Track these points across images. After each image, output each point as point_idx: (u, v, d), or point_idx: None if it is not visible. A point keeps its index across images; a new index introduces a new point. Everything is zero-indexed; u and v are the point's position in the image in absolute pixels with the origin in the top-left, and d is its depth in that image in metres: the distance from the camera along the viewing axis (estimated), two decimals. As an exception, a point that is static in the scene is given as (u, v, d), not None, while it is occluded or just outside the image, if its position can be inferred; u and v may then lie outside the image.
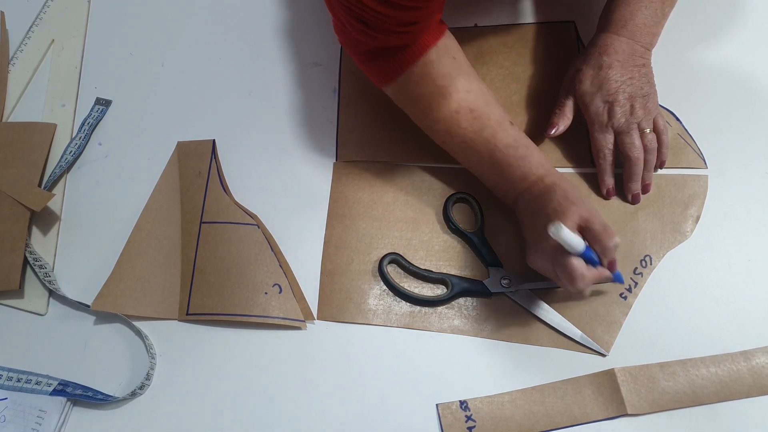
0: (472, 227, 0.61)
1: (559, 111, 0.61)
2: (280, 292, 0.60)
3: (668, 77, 0.63)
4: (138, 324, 0.61)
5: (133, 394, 0.58)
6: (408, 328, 0.59)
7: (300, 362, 0.58)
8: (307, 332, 0.59)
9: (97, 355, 0.61)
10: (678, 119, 0.64)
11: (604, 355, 0.56)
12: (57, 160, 0.69)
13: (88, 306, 0.61)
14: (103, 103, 0.72)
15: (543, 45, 0.69)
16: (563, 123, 0.60)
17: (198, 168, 0.66)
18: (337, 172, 0.66)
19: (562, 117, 0.61)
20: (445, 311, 0.59)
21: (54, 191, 0.67)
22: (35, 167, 0.67)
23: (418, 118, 0.60)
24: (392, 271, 0.61)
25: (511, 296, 0.58)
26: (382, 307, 0.60)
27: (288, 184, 0.66)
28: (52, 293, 0.63)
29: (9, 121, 0.72)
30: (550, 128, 0.61)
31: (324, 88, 0.70)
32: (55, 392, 0.58)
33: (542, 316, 0.57)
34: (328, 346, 0.59)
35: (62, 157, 0.69)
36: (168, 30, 0.76)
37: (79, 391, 0.58)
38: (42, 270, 0.63)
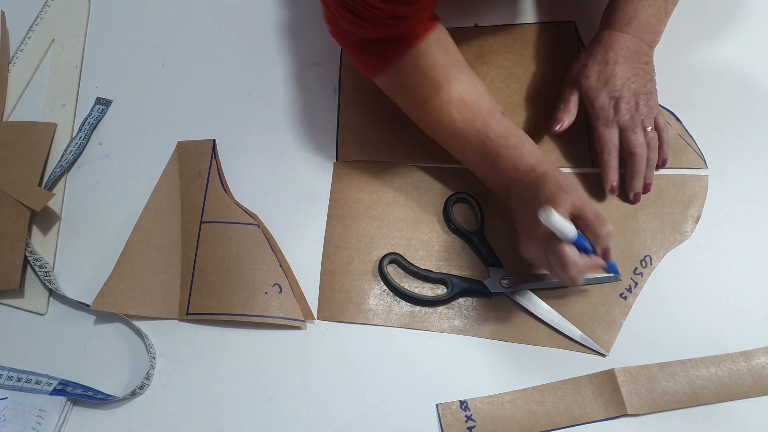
0: (472, 227, 0.61)
1: (564, 106, 0.60)
2: (280, 292, 0.60)
3: (668, 77, 0.63)
4: (138, 324, 0.61)
5: (133, 394, 0.58)
6: (408, 328, 0.59)
7: (300, 362, 0.58)
8: (307, 332, 0.59)
9: (97, 355, 0.61)
10: (678, 119, 0.64)
11: (604, 355, 0.56)
12: (57, 160, 0.69)
13: (88, 306, 0.61)
14: (103, 103, 0.72)
15: (543, 45, 0.69)
16: (568, 119, 0.60)
17: (198, 168, 0.66)
18: (337, 172, 0.66)
19: (566, 113, 0.60)
20: (445, 311, 0.59)
21: (54, 191, 0.67)
22: (35, 167, 0.67)
23: (409, 109, 0.60)
24: (392, 271, 0.61)
25: (511, 296, 0.58)
26: (382, 307, 0.60)
27: (288, 183, 0.66)
28: (52, 293, 0.63)
29: (9, 120, 0.72)
30: (555, 124, 0.60)
31: (324, 88, 0.70)
32: (55, 392, 0.58)
33: (542, 316, 0.57)
34: (328, 346, 0.59)
35: (62, 156, 0.69)
36: (168, 30, 0.76)
37: (79, 391, 0.58)
38: (42, 270, 0.63)
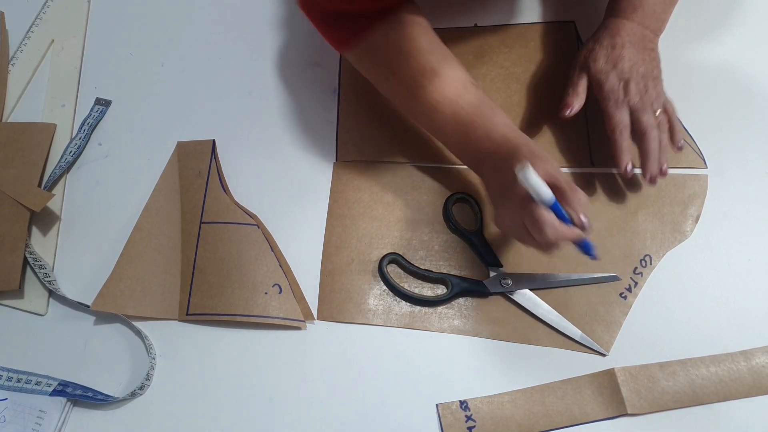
0: (472, 227, 0.61)
1: (572, 91, 0.60)
2: (280, 292, 0.60)
3: (667, 76, 0.62)
4: (138, 324, 0.61)
5: (133, 394, 0.58)
6: (408, 328, 0.59)
7: (300, 362, 0.58)
8: (307, 332, 0.59)
9: (97, 355, 0.61)
10: (678, 119, 0.64)
11: (604, 354, 0.56)
12: (57, 160, 0.69)
13: (88, 306, 0.61)
14: (103, 103, 0.72)
15: (543, 45, 0.69)
16: (578, 103, 0.59)
17: (198, 168, 0.66)
18: (337, 172, 0.66)
19: (575, 97, 0.59)
20: (445, 311, 0.59)
21: (54, 191, 0.67)
22: (35, 167, 0.67)
23: (382, 84, 0.60)
24: (392, 271, 0.61)
25: (511, 296, 0.58)
26: (382, 307, 0.59)
27: (288, 184, 0.66)
28: (52, 293, 0.63)
29: (9, 121, 0.72)
30: (565, 109, 0.59)
31: (324, 88, 0.70)
32: (55, 392, 0.58)
33: (542, 316, 0.57)
34: (328, 346, 0.59)
35: (62, 157, 0.69)
36: (168, 30, 0.76)
37: (79, 392, 0.58)
38: (42, 270, 0.63)
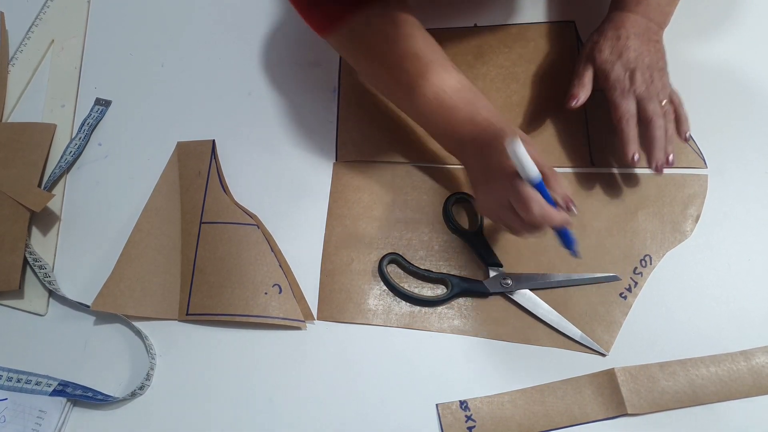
0: (472, 227, 0.61)
1: (578, 82, 0.60)
2: (280, 292, 0.60)
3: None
4: (138, 324, 0.61)
5: (133, 395, 0.58)
6: (408, 328, 0.59)
7: (300, 362, 0.58)
8: (307, 332, 0.59)
9: (97, 355, 0.61)
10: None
11: (604, 355, 0.56)
12: (57, 161, 0.69)
13: (88, 306, 0.61)
14: (102, 104, 0.72)
15: (543, 45, 0.69)
16: (584, 93, 0.59)
17: (198, 168, 0.66)
18: (337, 172, 0.66)
19: (581, 88, 0.59)
20: (445, 311, 0.59)
21: (54, 191, 0.67)
22: (35, 167, 0.67)
23: (362, 67, 0.60)
24: (392, 271, 0.61)
25: (510, 296, 0.58)
26: (382, 307, 0.59)
27: (288, 184, 0.66)
28: (52, 293, 0.63)
29: (9, 121, 0.72)
30: (571, 99, 0.59)
31: (324, 88, 0.70)
32: (55, 392, 0.58)
33: (542, 316, 0.57)
34: (328, 346, 0.59)
35: (62, 157, 0.69)
36: (168, 30, 0.76)
37: (79, 392, 0.58)
38: (42, 270, 0.63)
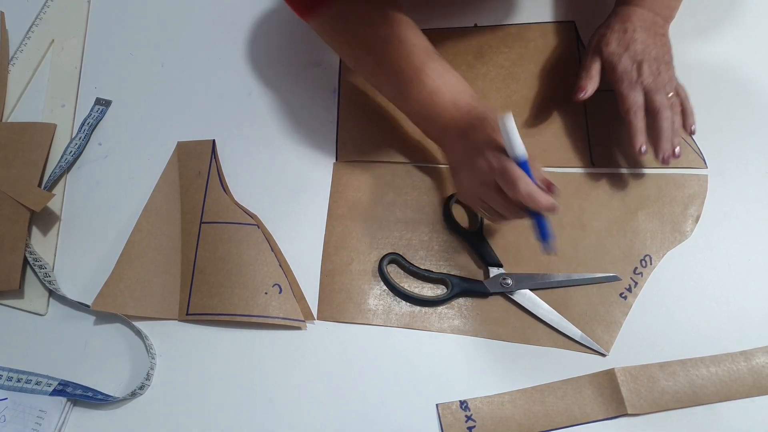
0: (472, 227, 0.61)
1: (586, 74, 0.60)
2: (280, 292, 0.60)
3: (668, 77, 0.63)
4: (138, 324, 0.61)
5: (133, 394, 0.58)
6: (408, 328, 0.59)
7: (300, 362, 0.58)
8: (307, 332, 0.59)
9: (97, 355, 0.61)
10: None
11: (604, 355, 0.56)
12: (57, 160, 0.69)
13: (88, 306, 0.61)
14: (103, 103, 0.72)
15: (543, 45, 0.69)
16: (591, 86, 0.59)
17: (198, 168, 0.66)
18: (337, 172, 0.66)
19: (589, 80, 0.59)
20: (445, 311, 0.59)
21: (54, 191, 0.67)
22: (35, 167, 0.67)
23: (345, 51, 0.61)
24: (392, 271, 0.61)
25: (511, 296, 0.58)
26: (382, 307, 0.59)
27: (288, 184, 0.66)
28: (52, 293, 0.63)
29: (9, 121, 0.72)
30: (579, 92, 0.59)
31: (324, 88, 0.70)
32: (55, 392, 0.58)
33: (542, 316, 0.57)
34: (328, 346, 0.59)
35: (62, 157, 0.69)
36: (168, 30, 0.76)
37: (79, 391, 0.58)
38: (42, 270, 0.63)
